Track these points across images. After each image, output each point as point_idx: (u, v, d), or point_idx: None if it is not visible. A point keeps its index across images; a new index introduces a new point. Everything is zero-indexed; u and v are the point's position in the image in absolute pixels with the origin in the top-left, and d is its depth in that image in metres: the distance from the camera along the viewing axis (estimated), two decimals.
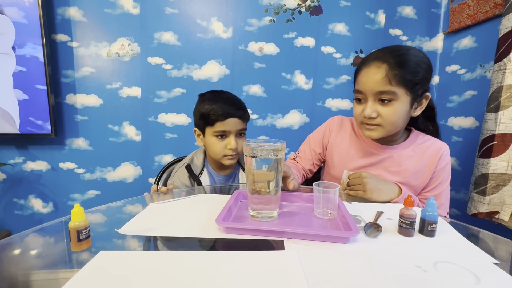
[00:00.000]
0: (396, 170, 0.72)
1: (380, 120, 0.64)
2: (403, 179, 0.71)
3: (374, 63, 0.63)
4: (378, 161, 0.73)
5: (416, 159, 0.71)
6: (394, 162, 0.72)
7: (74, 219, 0.39)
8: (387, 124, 0.65)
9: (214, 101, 0.79)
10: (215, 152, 0.81)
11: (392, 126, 0.66)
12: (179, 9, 1.35)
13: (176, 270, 0.35)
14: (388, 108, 0.63)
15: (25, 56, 1.23)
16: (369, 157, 0.74)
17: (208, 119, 0.79)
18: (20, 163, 1.37)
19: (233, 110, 0.79)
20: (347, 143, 0.78)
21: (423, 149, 0.71)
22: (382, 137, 0.68)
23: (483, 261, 0.38)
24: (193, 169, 0.85)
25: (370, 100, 0.64)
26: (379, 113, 0.64)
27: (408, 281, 0.33)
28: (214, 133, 0.80)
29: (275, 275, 0.34)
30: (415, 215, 0.46)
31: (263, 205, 0.49)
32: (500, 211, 0.90)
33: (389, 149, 0.73)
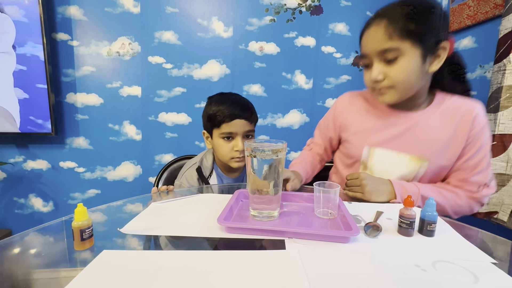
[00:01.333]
0: (424, 138, 0.64)
1: (389, 82, 0.59)
2: (433, 149, 0.63)
3: (374, 22, 0.58)
4: (402, 131, 0.65)
5: (445, 124, 0.63)
6: (421, 130, 0.64)
7: (78, 218, 0.40)
8: (397, 84, 0.59)
9: (221, 103, 0.79)
10: (223, 154, 0.81)
11: (404, 86, 0.59)
12: (180, 8, 1.35)
13: (178, 269, 0.35)
14: (395, 67, 0.57)
15: (26, 55, 1.23)
16: (391, 128, 0.66)
17: (215, 120, 0.78)
18: (20, 162, 1.37)
19: (239, 111, 0.78)
20: (363, 117, 0.71)
21: (453, 111, 0.63)
22: (398, 100, 0.62)
23: (482, 260, 0.39)
24: (203, 171, 0.84)
25: (375, 62, 0.60)
26: (385, 74, 0.59)
27: (408, 280, 0.34)
28: (221, 134, 0.79)
29: (276, 274, 0.34)
30: (414, 215, 0.46)
31: (264, 205, 0.49)
32: (499, 211, 0.91)
33: (412, 115, 0.65)
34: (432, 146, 0.63)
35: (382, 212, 0.55)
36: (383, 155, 0.67)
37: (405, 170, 0.66)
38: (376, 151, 0.68)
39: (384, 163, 0.67)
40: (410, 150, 0.65)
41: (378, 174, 0.68)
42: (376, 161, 0.68)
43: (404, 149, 0.65)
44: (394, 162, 0.67)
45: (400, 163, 0.66)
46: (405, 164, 0.66)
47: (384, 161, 0.67)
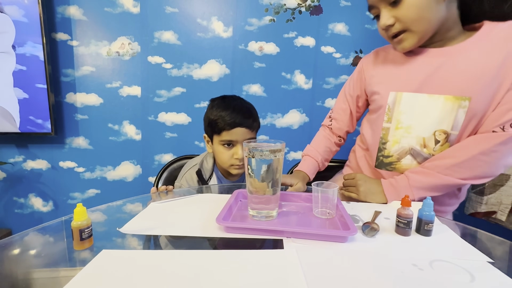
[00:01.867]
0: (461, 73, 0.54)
1: (401, 25, 0.55)
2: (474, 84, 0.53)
3: None
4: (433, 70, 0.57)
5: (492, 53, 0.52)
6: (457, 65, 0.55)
7: (77, 218, 0.40)
8: (411, 24, 0.54)
9: (223, 108, 0.77)
10: (222, 161, 0.80)
11: (419, 24, 0.54)
12: (179, 8, 1.35)
13: (177, 269, 0.35)
14: (402, 6, 0.53)
15: (25, 55, 1.23)
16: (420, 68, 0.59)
17: (215, 127, 0.77)
18: (20, 161, 1.37)
19: (241, 119, 0.75)
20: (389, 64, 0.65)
21: (503, 38, 0.52)
22: (419, 42, 0.57)
23: (478, 260, 0.39)
24: (203, 173, 0.84)
25: (382, 9, 0.56)
26: (395, 17, 0.55)
27: (405, 280, 0.34)
28: (221, 142, 0.78)
29: (274, 273, 0.35)
30: (412, 214, 0.46)
31: (262, 204, 0.50)
32: (497, 211, 0.91)
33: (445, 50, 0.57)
34: (473, 81, 0.53)
35: (380, 212, 0.55)
36: (412, 99, 0.59)
37: (439, 114, 0.57)
38: (403, 96, 0.60)
39: (413, 108, 0.59)
40: (444, 89, 0.56)
41: (408, 123, 0.60)
42: (404, 107, 0.60)
43: (437, 90, 0.57)
44: (425, 106, 0.58)
45: (433, 107, 0.57)
46: (439, 107, 0.57)
47: (413, 106, 0.59)
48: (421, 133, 0.59)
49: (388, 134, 0.64)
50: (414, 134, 0.60)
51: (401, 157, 0.63)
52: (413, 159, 0.61)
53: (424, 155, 0.60)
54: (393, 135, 0.63)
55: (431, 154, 0.59)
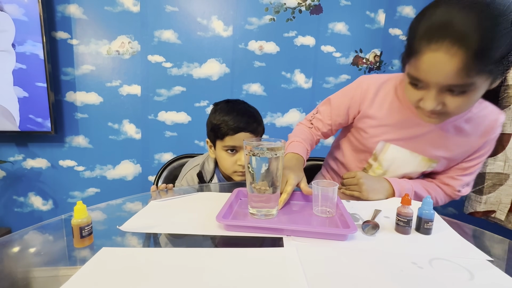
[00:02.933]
0: (441, 143, 0.62)
1: (445, 110, 0.51)
2: (446, 153, 0.63)
3: (445, 45, 0.43)
4: (422, 134, 0.63)
5: (469, 131, 0.60)
6: (441, 135, 0.62)
7: (77, 216, 0.40)
8: (455, 113, 0.53)
9: (226, 113, 0.75)
10: (225, 167, 0.78)
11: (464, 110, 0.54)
12: (180, 7, 1.35)
13: (177, 266, 0.35)
14: (460, 99, 0.48)
15: (25, 54, 1.23)
16: (412, 128, 0.64)
17: (218, 132, 0.75)
18: (20, 160, 1.37)
19: (244, 123, 0.73)
20: (387, 111, 0.66)
21: (479, 120, 0.59)
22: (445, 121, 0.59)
23: (478, 258, 0.39)
24: (204, 175, 0.82)
25: (433, 91, 0.49)
26: (445, 104, 0.50)
27: (404, 277, 0.34)
28: (224, 147, 0.76)
29: (274, 271, 0.35)
30: (411, 213, 0.46)
31: (262, 203, 0.50)
32: (497, 210, 0.91)
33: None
34: (447, 151, 0.64)
35: (380, 211, 0.55)
36: (396, 152, 0.67)
37: (414, 168, 0.68)
38: (390, 146, 0.67)
39: (395, 159, 0.68)
40: (424, 151, 0.65)
41: (387, 168, 0.70)
42: (388, 156, 0.68)
43: (419, 150, 0.65)
44: (405, 160, 0.67)
45: (411, 162, 0.67)
46: (416, 163, 0.67)
47: (396, 157, 0.68)
48: (393, 175, 0.70)
49: (370, 168, 0.73)
50: (388, 175, 0.71)
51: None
52: None
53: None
54: (373, 171, 0.73)
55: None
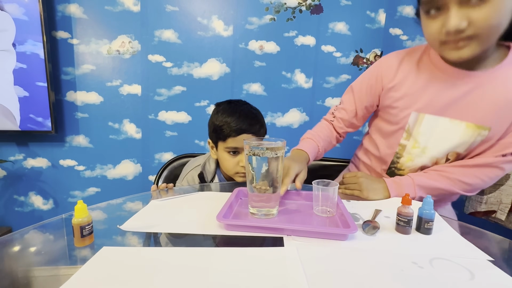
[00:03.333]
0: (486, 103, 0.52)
1: (472, 30, 0.45)
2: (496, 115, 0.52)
3: None
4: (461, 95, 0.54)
5: None
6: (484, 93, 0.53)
7: (78, 215, 0.40)
8: (483, 31, 0.45)
9: (229, 114, 0.74)
10: (227, 168, 0.78)
11: (491, 34, 0.46)
12: (180, 7, 1.35)
13: (177, 266, 0.35)
14: (484, 10, 0.43)
15: (26, 53, 1.23)
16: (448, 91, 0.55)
17: (220, 133, 0.75)
18: (20, 160, 1.37)
19: (247, 125, 0.73)
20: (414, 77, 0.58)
21: None
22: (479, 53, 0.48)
23: (478, 258, 0.39)
24: (205, 176, 0.82)
25: (453, 6, 0.44)
26: (470, 20, 0.44)
27: (405, 277, 0.34)
28: (226, 149, 0.75)
29: (275, 271, 0.35)
30: (412, 213, 0.46)
31: (263, 202, 0.50)
32: (497, 210, 0.91)
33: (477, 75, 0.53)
34: (496, 112, 0.52)
35: (380, 211, 0.55)
36: (433, 122, 0.58)
37: (458, 140, 0.56)
38: (425, 117, 0.58)
39: (433, 131, 0.58)
40: (467, 116, 0.55)
41: (425, 144, 0.60)
42: (424, 128, 0.59)
43: (461, 116, 0.55)
44: (445, 130, 0.57)
45: (453, 132, 0.56)
46: (459, 133, 0.56)
47: (434, 129, 0.58)
48: (436, 154, 0.60)
49: (404, 150, 0.64)
50: (429, 155, 0.60)
51: (411, 172, 0.65)
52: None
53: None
54: (409, 152, 0.63)
55: None
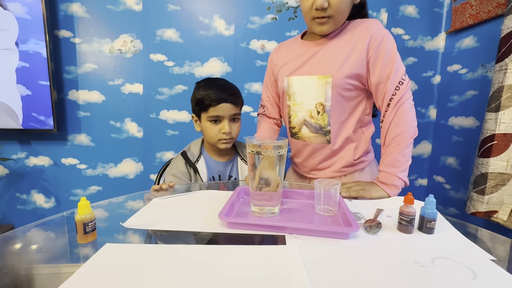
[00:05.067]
0: (326, 58, 0.71)
1: (330, 11, 0.65)
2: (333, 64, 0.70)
3: None
4: (310, 57, 0.73)
5: (346, 41, 0.70)
6: (325, 52, 0.71)
7: (81, 212, 0.40)
8: (337, 13, 0.66)
9: (208, 87, 0.83)
10: (211, 136, 0.85)
11: (341, 16, 0.67)
12: (182, 6, 1.35)
13: (179, 263, 0.35)
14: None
15: (28, 52, 1.23)
16: (302, 57, 0.74)
17: (202, 104, 0.82)
18: (22, 158, 1.38)
19: (225, 95, 0.82)
20: (285, 54, 0.80)
21: (352, 29, 0.71)
22: (333, 30, 0.70)
23: (481, 257, 0.39)
24: (189, 156, 0.88)
25: None
26: (330, 3, 0.64)
27: (407, 276, 0.34)
28: (208, 118, 0.83)
29: (277, 269, 0.35)
30: (414, 212, 0.46)
31: (265, 201, 0.50)
32: (499, 211, 0.91)
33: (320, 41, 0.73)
34: (333, 62, 0.70)
35: (382, 210, 0.55)
36: (298, 81, 0.74)
37: (316, 89, 0.72)
38: (293, 79, 0.75)
39: (300, 87, 0.74)
40: (316, 71, 0.72)
41: (300, 100, 0.75)
42: (295, 88, 0.75)
43: (312, 72, 0.72)
44: (306, 85, 0.73)
45: (311, 85, 0.73)
46: (314, 84, 0.72)
47: (300, 86, 0.74)
48: (308, 107, 0.74)
49: (290, 110, 0.78)
50: (304, 108, 0.75)
51: (300, 128, 0.78)
52: (307, 128, 0.76)
53: (313, 125, 0.75)
54: (293, 110, 0.77)
55: (316, 123, 0.74)
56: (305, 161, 0.81)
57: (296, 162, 0.85)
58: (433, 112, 1.49)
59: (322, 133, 0.74)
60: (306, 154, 0.79)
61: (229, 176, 0.92)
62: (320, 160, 0.78)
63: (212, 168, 0.90)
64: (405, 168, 0.66)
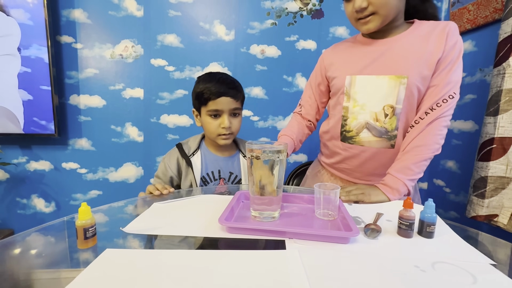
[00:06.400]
0: (400, 57, 0.67)
1: (372, 7, 0.63)
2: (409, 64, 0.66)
3: None
4: (379, 55, 0.69)
5: (421, 41, 0.66)
6: (397, 51, 0.68)
7: (81, 217, 0.40)
8: (380, 8, 0.63)
9: (208, 81, 0.81)
10: (210, 131, 0.83)
11: (387, 9, 0.63)
12: (182, 12, 1.36)
13: (180, 268, 0.36)
14: None
15: (30, 57, 1.24)
16: (369, 55, 0.71)
17: (202, 98, 0.81)
18: (23, 162, 1.38)
19: (225, 88, 0.80)
20: (344, 53, 0.76)
21: (428, 30, 0.67)
22: (381, 25, 0.66)
23: (481, 262, 0.39)
24: (185, 148, 0.86)
25: None
26: (369, 1, 0.62)
27: (407, 281, 0.34)
28: (208, 112, 0.82)
29: (277, 273, 0.35)
30: (414, 216, 0.46)
31: (265, 205, 0.50)
32: (499, 214, 0.91)
33: (389, 39, 0.69)
34: (408, 62, 0.66)
35: (382, 214, 0.55)
36: (364, 81, 0.71)
37: (385, 90, 0.69)
38: (357, 78, 0.71)
39: (365, 88, 0.71)
40: (387, 70, 0.68)
41: (363, 101, 0.71)
42: (358, 88, 0.72)
43: (382, 71, 0.69)
44: (374, 85, 0.69)
45: (380, 85, 0.69)
46: (385, 84, 0.68)
47: (365, 86, 0.71)
48: (373, 109, 0.70)
49: (348, 112, 0.74)
50: (368, 110, 0.71)
51: (359, 131, 0.73)
52: (369, 132, 0.72)
53: (377, 128, 0.71)
54: (352, 112, 0.73)
55: (382, 127, 0.70)
56: (360, 166, 0.75)
57: (342, 168, 0.80)
58: None
59: (387, 138, 0.70)
60: (362, 159, 0.74)
61: (230, 172, 0.89)
62: (379, 165, 0.73)
63: (210, 163, 0.88)
64: (414, 178, 0.65)
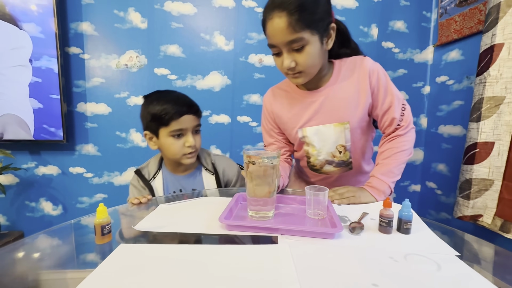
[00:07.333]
0: (336, 105, 0.73)
1: (299, 68, 0.67)
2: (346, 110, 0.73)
3: (275, 13, 0.62)
4: (318, 107, 0.75)
5: (348, 85, 0.73)
6: (332, 100, 0.74)
7: (99, 216, 0.46)
8: (307, 69, 0.67)
9: (165, 101, 0.78)
10: (174, 152, 0.80)
11: (312, 69, 0.69)
12: (184, 24, 1.44)
13: (186, 260, 0.41)
14: (303, 54, 0.65)
15: (41, 68, 1.31)
16: (309, 107, 0.76)
17: (162, 119, 0.77)
18: (32, 167, 1.45)
19: (187, 107, 0.79)
20: (286, 105, 0.80)
21: (350, 72, 0.73)
22: (309, 79, 0.71)
23: (447, 253, 0.45)
24: (144, 173, 0.85)
25: (284, 52, 0.66)
26: (296, 62, 0.66)
27: (381, 269, 0.40)
28: (170, 133, 0.78)
29: (268, 265, 0.41)
30: (392, 215, 0.52)
31: (260, 206, 0.56)
32: (483, 214, 0.96)
33: (322, 90, 0.75)
34: (346, 109, 0.73)
35: (367, 213, 0.61)
36: (313, 130, 0.77)
37: (334, 135, 0.76)
38: (307, 130, 0.77)
39: (317, 135, 0.77)
40: (331, 119, 0.74)
41: (319, 147, 0.78)
42: (311, 136, 0.77)
43: (327, 120, 0.75)
44: (324, 133, 0.76)
45: (328, 133, 0.76)
46: (332, 132, 0.75)
47: (317, 134, 0.77)
48: (329, 150, 0.78)
49: (309, 153, 0.81)
50: (324, 152, 0.79)
51: (322, 166, 0.82)
52: (329, 165, 0.81)
53: (335, 161, 0.80)
54: (312, 154, 0.80)
55: (340, 160, 0.79)
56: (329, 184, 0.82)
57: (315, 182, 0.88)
58: (424, 120, 1.56)
59: (345, 165, 0.80)
60: (330, 181, 0.85)
61: (193, 190, 0.87)
62: (345, 181, 0.84)
63: (171, 183, 0.86)
64: (395, 180, 0.73)
